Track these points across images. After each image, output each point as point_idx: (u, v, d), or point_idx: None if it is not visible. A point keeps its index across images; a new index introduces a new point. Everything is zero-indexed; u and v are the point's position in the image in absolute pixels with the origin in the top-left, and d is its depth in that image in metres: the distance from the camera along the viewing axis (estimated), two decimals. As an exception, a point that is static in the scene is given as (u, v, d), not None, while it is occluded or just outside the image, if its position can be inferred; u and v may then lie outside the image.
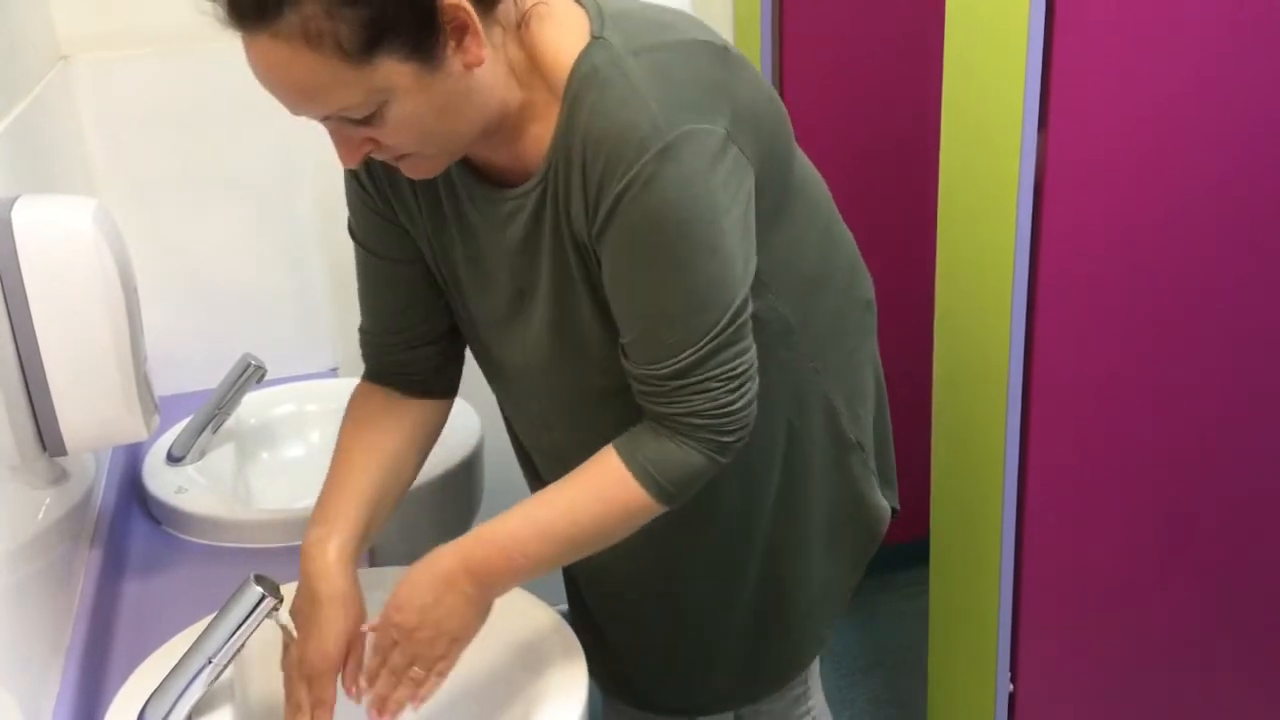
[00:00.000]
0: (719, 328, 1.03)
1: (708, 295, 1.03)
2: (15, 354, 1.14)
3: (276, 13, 0.90)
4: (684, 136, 0.98)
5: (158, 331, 1.57)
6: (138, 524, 1.53)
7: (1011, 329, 1.44)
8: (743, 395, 1.07)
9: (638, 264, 1.03)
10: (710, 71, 1.04)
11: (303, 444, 1.80)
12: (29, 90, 1.47)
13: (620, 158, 0.98)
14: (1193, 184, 1.42)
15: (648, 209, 0.99)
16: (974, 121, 1.45)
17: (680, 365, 1.04)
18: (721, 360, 1.05)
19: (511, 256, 1.13)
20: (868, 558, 1.39)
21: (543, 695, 1.12)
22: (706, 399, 1.06)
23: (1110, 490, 1.54)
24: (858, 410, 1.30)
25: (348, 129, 0.99)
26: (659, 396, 1.07)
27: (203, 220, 1.89)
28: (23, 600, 1.05)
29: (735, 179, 1.03)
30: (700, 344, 1.04)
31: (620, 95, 0.99)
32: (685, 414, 1.06)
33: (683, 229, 1.00)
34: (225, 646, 1.06)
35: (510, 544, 1.09)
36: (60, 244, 1.14)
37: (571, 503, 1.10)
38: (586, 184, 1.01)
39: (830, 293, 1.25)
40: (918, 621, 1.91)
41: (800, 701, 1.48)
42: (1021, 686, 1.62)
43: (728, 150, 1.02)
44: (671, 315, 1.04)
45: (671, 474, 1.08)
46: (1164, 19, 1.33)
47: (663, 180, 0.98)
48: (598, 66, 1.00)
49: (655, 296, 1.04)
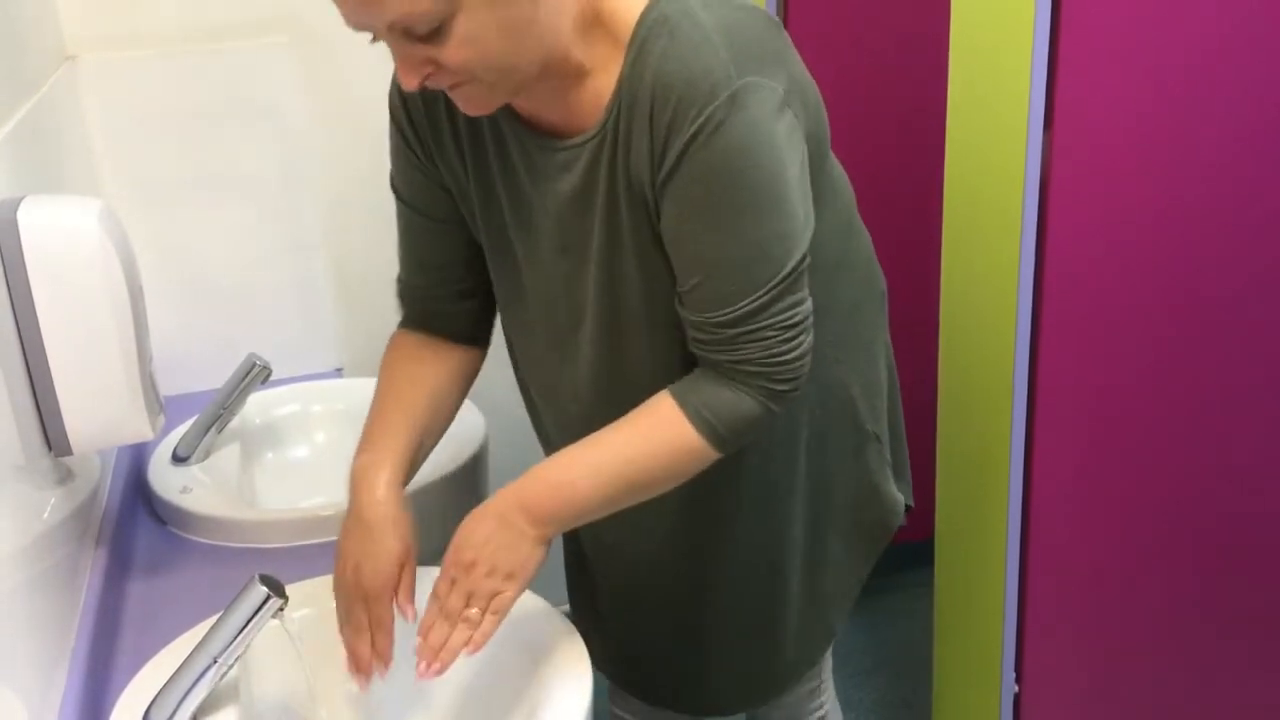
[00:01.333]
0: (779, 278, 1.04)
1: (771, 245, 1.04)
2: (21, 354, 1.14)
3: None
4: (751, 86, 0.99)
5: (163, 331, 1.58)
6: (143, 524, 1.53)
7: (1017, 328, 1.44)
8: (799, 345, 1.08)
9: (703, 211, 1.04)
10: (773, 40, 1.06)
11: (308, 444, 1.80)
12: (35, 90, 1.47)
13: (692, 102, 0.99)
14: (1198, 184, 1.41)
15: (717, 155, 1.00)
16: (979, 121, 1.44)
17: (739, 313, 1.05)
18: (778, 310, 1.06)
19: (561, 209, 1.12)
20: (880, 550, 1.39)
21: (547, 693, 1.12)
22: (761, 347, 1.06)
23: (1115, 491, 1.54)
24: (874, 401, 1.31)
25: (409, 46, 0.98)
26: (716, 344, 1.08)
27: (208, 220, 1.89)
28: (28, 600, 1.05)
29: (795, 136, 1.05)
30: (760, 293, 1.04)
31: (692, 40, 1.00)
32: (740, 361, 1.07)
33: (749, 177, 1.01)
34: (230, 646, 1.06)
35: (563, 480, 1.11)
36: (66, 244, 1.14)
37: (626, 443, 1.11)
38: (654, 129, 1.02)
39: (851, 281, 1.26)
40: (923, 622, 1.90)
41: (814, 696, 1.48)
42: (1026, 687, 1.62)
43: (786, 109, 1.03)
44: (734, 263, 1.05)
45: (726, 418, 1.09)
46: (1169, 18, 1.33)
47: (732, 127, 0.99)
48: (668, 15, 1.01)
49: (719, 243, 1.04)
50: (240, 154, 1.87)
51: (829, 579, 1.36)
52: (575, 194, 1.10)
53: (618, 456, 1.11)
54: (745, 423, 1.10)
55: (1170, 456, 1.54)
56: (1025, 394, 1.47)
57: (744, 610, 1.34)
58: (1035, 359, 1.45)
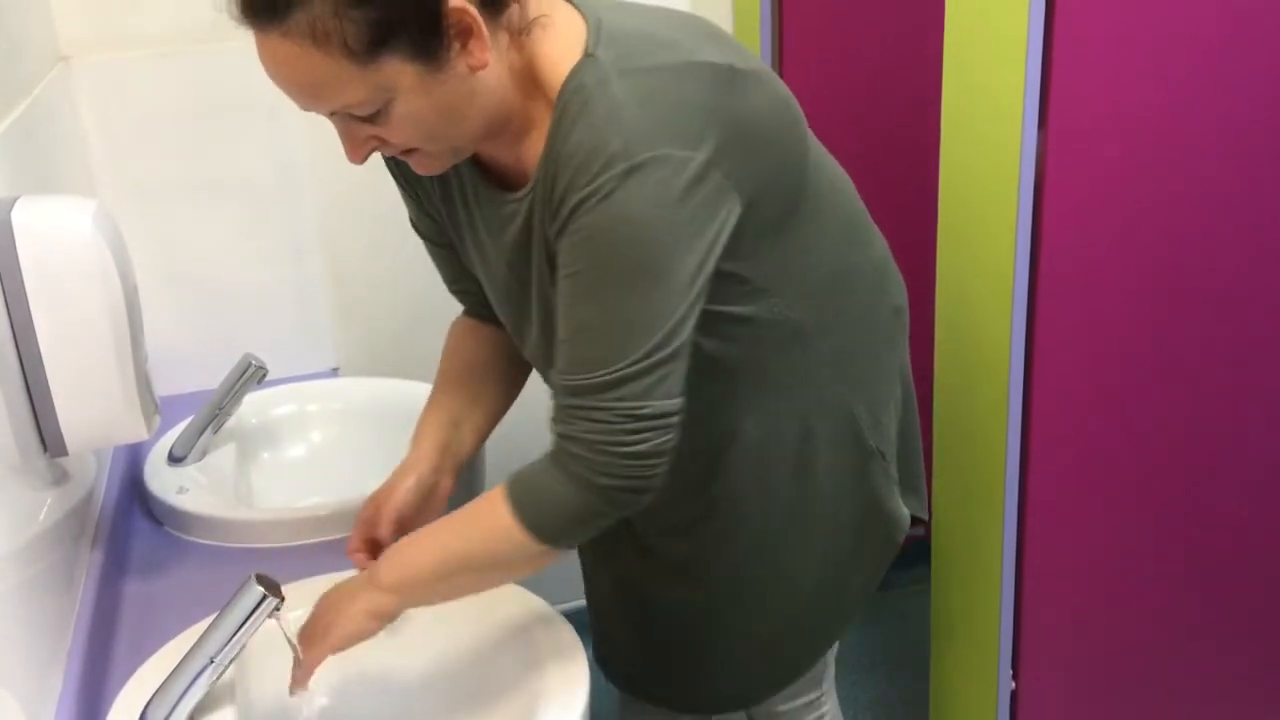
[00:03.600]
0: (636, 358, 1.00)
1: (637, 322, 1.01)
2: (16, 354, 1.14)
3: (286, 12, 0.93)
4: (656, 160, 0.98)
5: (158, 332, 1.57)
6: (139, 524, 1.53)
7: (1012, 327, 1.44)
8: (639, 441, 1.02)
9: (579, 274, 1.02)
10: (702, 95, 1.03)
11: (304, 444, 1.80)
12: (29, 91, 1.47)
13: (586, 170, 0.98)
14: (1193, 181, 1.42)
15: (600, 221, 0.99)
16: (974, 119, 1.45)
17: (584, 383, 1.02)
18: (625, 394, 1.01)
19: (509, 256, 1.15)
20: (885, 565, 1.38)
21: (545, 693, 1.12)
22: (591, 427, 1.02)
23: (1112, 488, 1.54)
24: (879, 417, 1.28)
25: (354, 125, 1.02)
26: (559, 409, 1.05)
27: (203, 221, 1.89)
28: (24, 601, 1.05)
29: (708, 210, 1.02)
30: (612, 369, 1.00)
31: (600, 114, 0.99)
32: (570, 436, 1.03)
33: (629, 250, 1.00)
34: (227, 647, 1.06)
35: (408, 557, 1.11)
36: (60, 245, 1.14)
37: (456, 536, 1.11)
38: (553, 194, 1.02)
39: (851, 297, 1.24)
40: (920, 620, 1.91)
41: (813, 707, 1.48)
42: (1024, 684, 1.62)
43: (705, 179, 1.01)
44: (595, 330, 1.02)
45: (544, 508, 1.05)
46: (1163, 15, 1.33)
47: (622, 196, 0.98)
48: (584, 84, 1.01)
49: (587, 307, 1.03)
50: (236, 154, 1.87)
51: (829, 589, 1.35)
52: (516, 246, 1.13)
53: (454, 538, 1.10)
54: (563, 513, 1.05)
55: (1166, 453, 1.54)
56: (1021, 392, 1.47)
57: (742, 617, 1.34)
58: (1030, 357, 1.45)
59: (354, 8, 0.93)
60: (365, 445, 1.76)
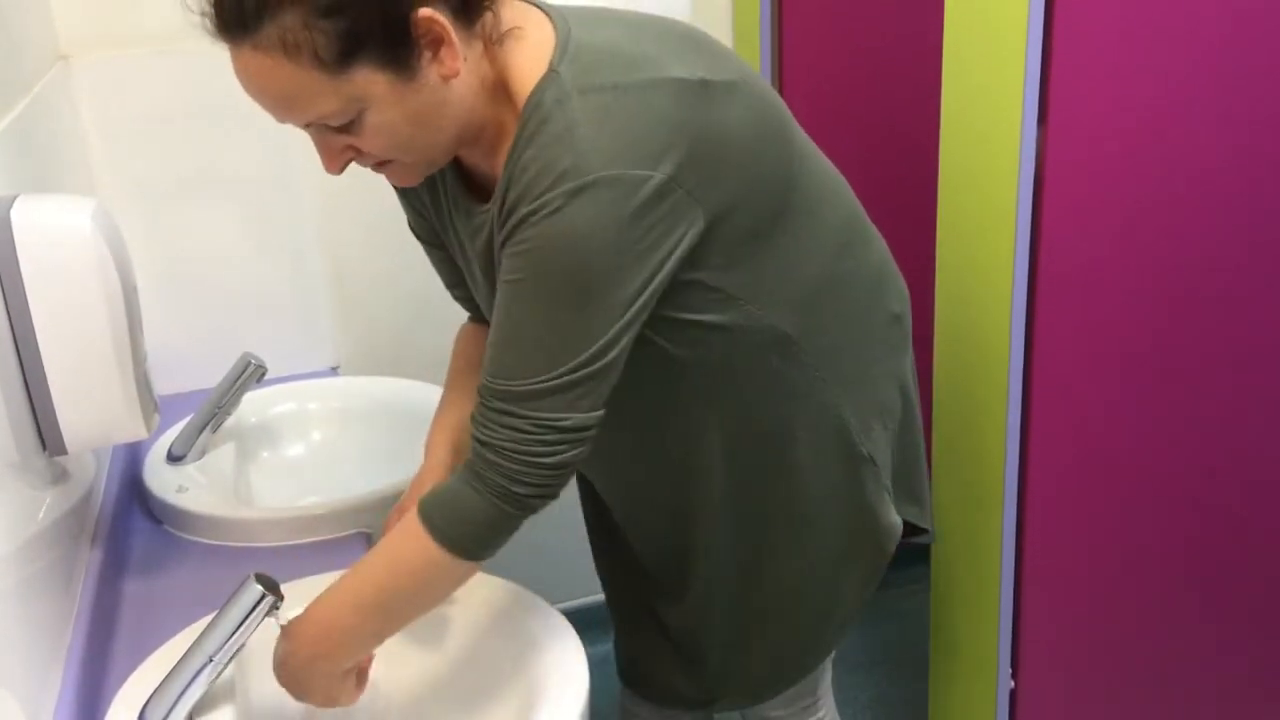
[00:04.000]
0: (562, 371, 1.01)
1: (571, 335, 1.01)
2: (15, 353, 1.14)
3: (257, 25, 0.94)
4: (608, 180, 0.97)
5: (158, 330, 1.58)
6: (138, 523, 1.53)
7: (1011, 325, 1.44)
8: (554, 453, 1.03)
9: (521, 280, 1.02)
10: (670, 112, 1.02)
11: (303, 443, 1.80)
12: (29, 89, 1.47)
13: (535, 186, 0.99)
14: (1193, 178, 1.42)
15: (546, 235, 0.99)
16: (973, 118, 1.44)
17: (509, 389, 1.03)
18: (548, 406, 1.02)
19: (481, 265, 1.16)
20: (878, 574, 1.37)
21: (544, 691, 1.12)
22: (515, 436, 1.03)
23: (1111, 488, 1.54)
24: (871, 424, 1.27)
25: (329, 136, 1.03)
26: (479, 412, 1.06)
27: (203, 219, 1.89)
28: (24, 600, 1.05)
29: (663, 229, 1.02)
30: (536, 380, 1.02)
31: (554, 133, 0.99)
32: (488, 444, 1.04)
33: (574, 265, 0.99)
34: (226, 645, 1.06)
35: (330, 628, 1.10)
36: (59, 243, 1.14)
37: (376, 571, 1.10)
38: (504, 207, 1.03)
39: (841, 304, 1.22)
40: (919, 618, 1.91)
41: (811, 711, 1.48)
42: (1023, 683, 1.62)
43: (663, 197, 1.00)
44: (526, 339, 1.03)
45: (459, 522, 1.06)
46: (1163, 14, 1.33)
47: (568, 214, 0.98)
48: (543, 101, 1.01)
49: (523, 315, 1.03)
50: (235, 153, 1.87)
51: (820, 596, 1.35)
52: (484, 256, 1.13)
53: (371, 584, 1.10)
54: (479, 524, 1.06)
55: (1166, 452, 1.54)
56: (1020, 391, 1.47)
57: (730, 620, 1.35)
58: (1030, 355, 1.45)
59: (323, 18, 0.94)
60: (365, 444, 1.76)
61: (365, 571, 1.11)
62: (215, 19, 0.97)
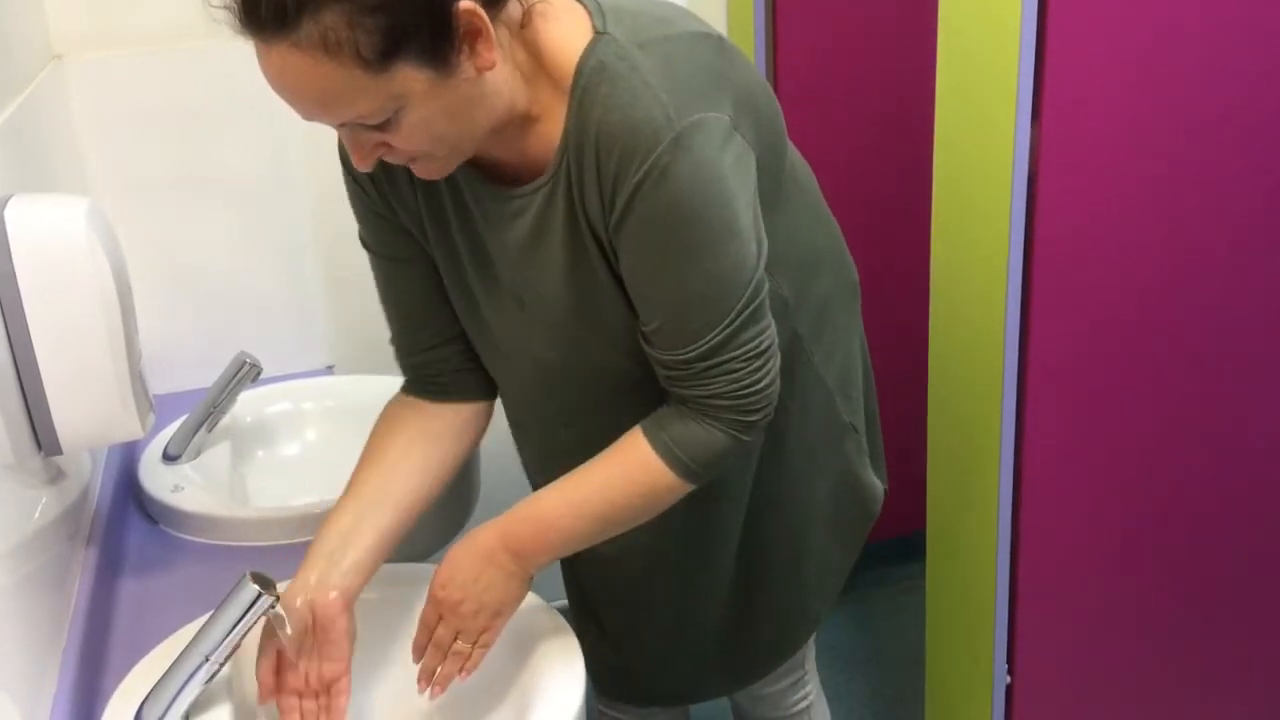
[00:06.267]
0: (740, 307, 1.05)
1: (729, 278, 1.05)
2: (10, 353, 1.13)
3: (296, 21, 0.91)
4: (694, 125, 1.00)
5: (153, 330, 1.57)
6: (134, 523, 1.53)
7: (1006, 320, 1.44)
8: (767, 373, 1.09)
9: (659, 253, 1.04)
10: (712, 61, 1.06)
11: (298, 442, 1.80)
12: (22, 90, 1.47)
13: (635, 150, 0.99)
14: (1186, 173, 1.42)
15: (665, 199, 1.00)
16: (968, 113, 1.45)
17: (706, 348, 1.06)
18: (744, 340, 1.07)
19: (515, 254, 1.13)
20: (863, 537, 1.41)
21: (541, 689, 1.12)
22: (731, 379, 1.07)
23: (1107, 482, 1.55)
24: (849, 392, 1.32)
25: (362, 134, 1.00)
26: (685, 380, 1.09)
27: (197, 219, 1.89)
28: (20, 599, 1.05)
29: (743, 163, 1.05)
30: (724, 326, 1.05)
31: (632, 88, 1.00)
32: (710, 395, 1.09)
33: (700, 215, 1.02)
34: (222, 644, 1.06)
35: (546, 521, 1.14)
36: (54, 243, 1.13)
37: (605, 482, 1.13)
38: (601, 178, 1.02)
39: (821, 276, 1.27)
40: (915, 614, 1.91)
41: (797, 688, 1.49)
42: (1019, 678, 1.62)
43: (734, 136, 1.04)
44: (696, 300, 1.05)
45: (697, 454, 1.11)
46: (1156, 9, 1.33)
47: (678, 170, 0.99)
48: (605, 62, 1.01)
49: (679, 284, 1.05)
50: (229, 152, 1.87)
51: (810, 566, 1.37)
52: (529, 240, 1.12)
53: (597, 496, 1.13)
54: (718, 456, 1.11)
55: (1162, 445, 1.55)
56: (1015, 386, 1.47)
57: (721, 597, 1.35)
58: (1025, 351, 1.45)
59: (367, 15, 0.91)
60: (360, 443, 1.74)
61: (590, 483, 1.13)
62: (244, 15, 0.93)
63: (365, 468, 1.24)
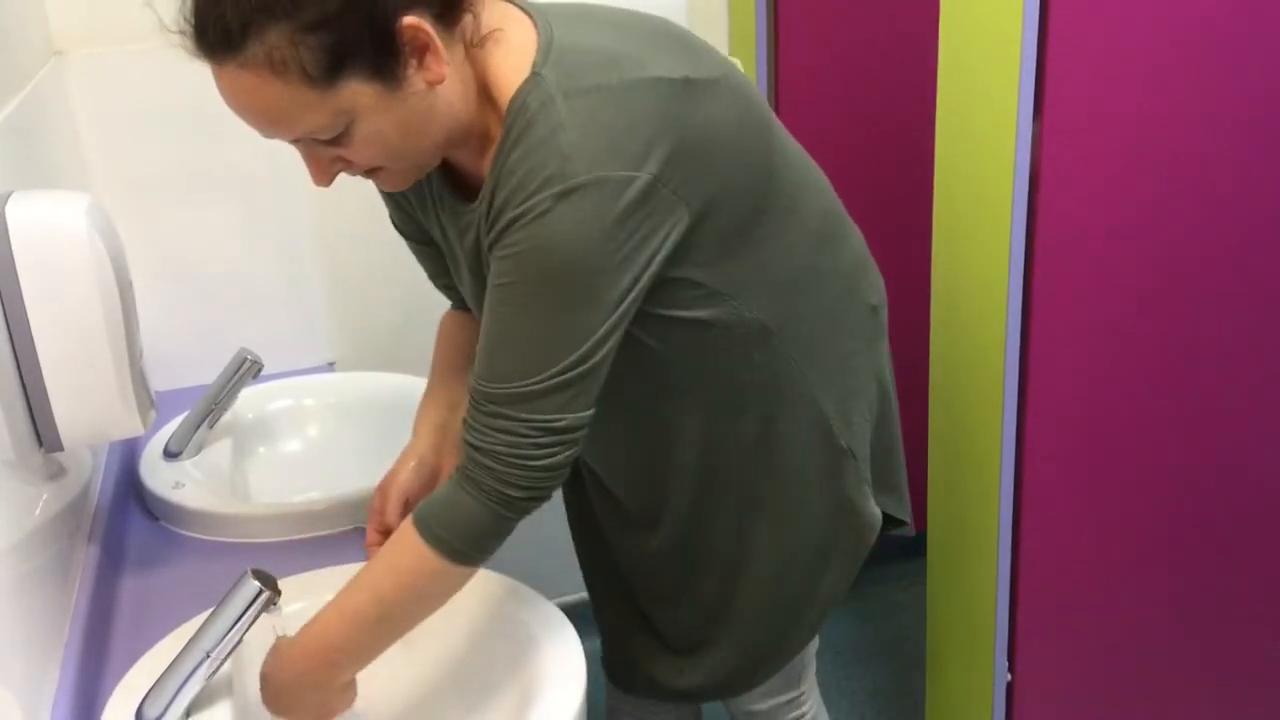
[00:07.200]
0: (556, 371, 1.02)
1: (561, 337, 1.02)
2: (11, 350, 1.14)
3: (241, 43, 0.94)
4: (595, 182, 0.98)
5: (154, 327, 1.57)
6: (135, 519, 1.53)
7: (1007, 319, 1.44)
8: (549, 455, 1.04)
9: (509, 283, 1.03)
10: (653, 111, 1.03)
11: (300, 439, 1.80)
12: (22, 86, 1.47)
13: (522, 189, 0.99)
14: (1188, 172, 1.42)
15: (534, 238, 0.99)
16: (969, 114, 1.45)
17: (501, 392, 1.03)
18: (543, 407, 1.03)
19: (470, 262, 1.16)
20: (857, 565, 1.37)
21: (541, 685, 1.12)
22: (509, 441, 1.04)
23: (1106, 480, 1.55)
24: (851, 417, 1.28)
25: (317, 149, 1.03)
26: (471, 416, 1.06)
27: (198, 215, 1.89)
28: (21, 596, 1.05)
29: (648, 229, 1.03)
30: (532, 381, 1.02)
31: (540, 135, 0.99)
32: (482, 449, 1.05)
33: (561, 268, 1.00)
34: (223, 641, 1.06)
35: (327, 646, 1.10)
36: (54, 240, 1.13)
37: (374, 581, 1.10)
38: (492, 208, 1.03)
39: (821, 295, 1.24)
40: (916, 612, 1.91)
41: (794, 706, 1.48)
42: (1019, 675, 1.63)
43: (650, 197, 1.01)
44: (519, 341, 1.03)
45: (460, 531, 1.06)
46: (1157, 8, 1.33)
47: (555, 218, 0.98)
48: (528, 104, 1.01)
49: (512, 318, 1.03)
50: (231, 149, 1.86)
51: (799, 587, 1.35)
52: (472, 255, 1.14)
53: (368, 601, 1.09)
54: (480, 532, 1.07)
55: (1161, 445, 1.55)
56: (1016, 384, 1.47)
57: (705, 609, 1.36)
58: (1026, 350, 1.45)
59: (309, 34, 0.93)
60: (361, 439, 1.76)
61: (360, 585, 1.10)
62: (196, 38, 0.97)
63: (448, 355, 1.34)
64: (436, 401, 1.31)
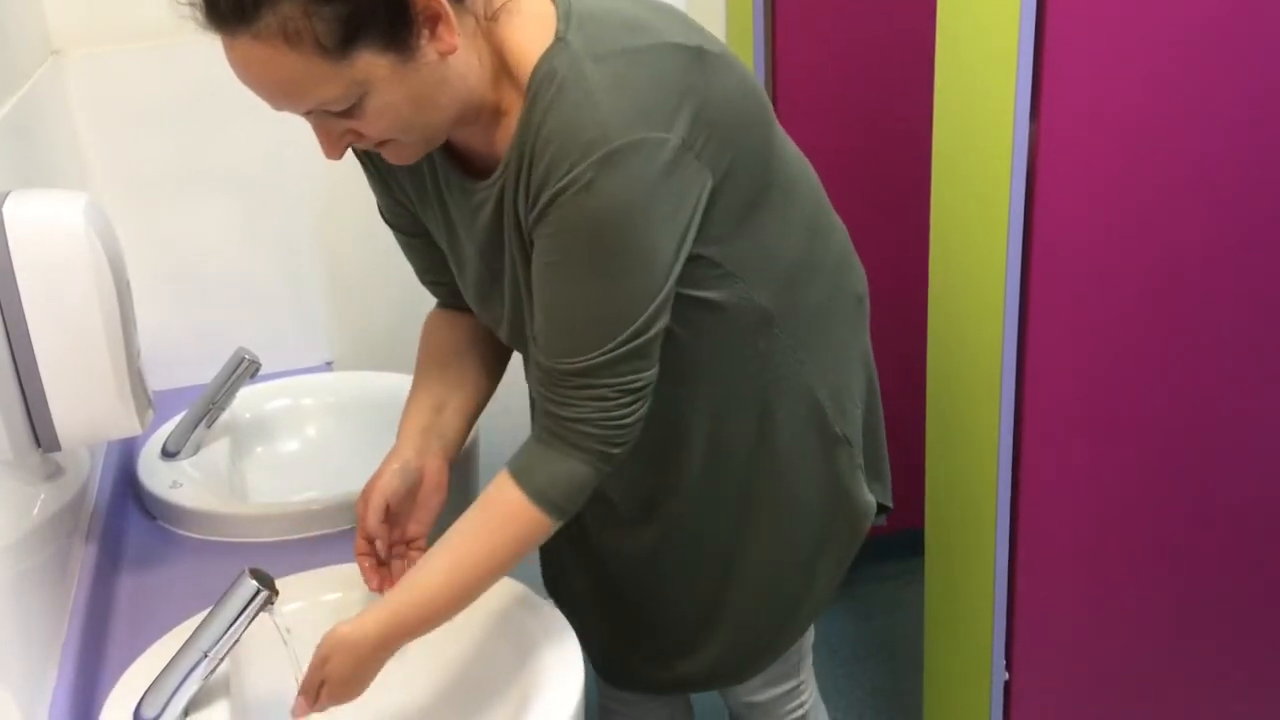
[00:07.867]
0: (627, 337, 1.05)
1: (626, 304, 1.05)
2: (8, 349, 1.13)
3: (255, 14, 0.93)
4: (632, 145, 0.99)
5: (152, 326, 1.57)
6: (133, 519, 1.53)
7: (1004, 318, 1.44)
8: (635, 411, 1.09)
9: (563, 261, 1.04)
10: (676, 76, 1.04)
11: (298, 438, 1.80)
12: (20, 85, 1.47)
13: (564, 158, 1.00)
14: (1185, 171, 1.42)
15: (583, 210, 1.00)
16: (966, 112, 1.45)
17: (583, 365, 1.06)
18: (622, 371, 1.07)
19: (481, 243, 1.16)
20: (852, 553, 1.39)
21: (539, 684, 1.12)
22: (599, 406, 1.08)
23: (1104, 480, 1.55)
24: (844, 405, 1.30)
25: (329, 121, 1.02)
26: (555, 393, 1.09)
27: (196, 215, 1.89)
28: (19, 596, 1.05)
29: (683, 189, 1.04)
30: (607, 350, 1.05)
31: (574, 100, 1.00)
32: (576, 419, 1.08)
33: (614, 235, 1.02)
34: (221, 640, 1.06)
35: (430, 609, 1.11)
36: (52, 239, 1.13)
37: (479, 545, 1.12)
38: (530, 181, 1.03)
39: (815, 285, 1.25)
40: (913, 611, 1.91)
41: (792, 696, 1.49)
42: (1017, 675, 1.63)
43: (680, 160, 1.03)
44: (586, 316, 1.06)
45: (567, 492, 1.11)
46: (1155, 7, 1.33)
47: (602, 185, 0.99)
48: (556, 69, 1.01)
49: (575, 293, 1.05)
50: (228, 148, 1.87)
51: (795, 577, 1.36)
52: (487, 234, 1.14)
53: (473, 560, 1.12)
54: (583, 490, 1.12)
55: (1159, 444, 1.55)
56: (1013, 382, 1.47)
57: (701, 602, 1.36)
58: (1023, 349, 1.45)
59: (323, 4, 0.93)
60: (359, 439, 1.76)
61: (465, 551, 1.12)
62: (207, 10, 0.95)
63: (433, 355, 1.33)
64: (420, 405, 1.31)
